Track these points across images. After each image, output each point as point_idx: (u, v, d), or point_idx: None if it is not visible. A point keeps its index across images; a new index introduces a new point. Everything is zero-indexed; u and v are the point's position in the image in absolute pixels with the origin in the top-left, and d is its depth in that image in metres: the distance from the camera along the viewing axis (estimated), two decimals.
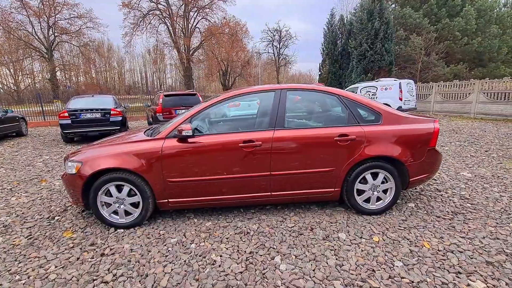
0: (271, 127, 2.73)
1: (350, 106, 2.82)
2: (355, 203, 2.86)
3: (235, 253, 2.29)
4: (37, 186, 4.14)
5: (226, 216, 2.95)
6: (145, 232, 2.68)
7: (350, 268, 2.07)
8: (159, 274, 2.05)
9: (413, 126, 2.83)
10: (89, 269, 2.13)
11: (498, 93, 12.30)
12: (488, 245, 2.31)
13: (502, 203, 3.13)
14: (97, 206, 2.68)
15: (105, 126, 7.76)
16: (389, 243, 2.38)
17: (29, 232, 2.73)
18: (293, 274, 2.01)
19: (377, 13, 17.07)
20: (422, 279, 1.93)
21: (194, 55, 28.22)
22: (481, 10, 20.14)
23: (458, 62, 20.00)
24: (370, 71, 17.58)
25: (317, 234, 2.55)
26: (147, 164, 2.62)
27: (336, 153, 2.74)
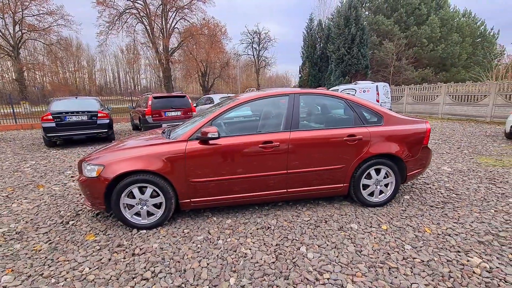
0: (287, 128, 2.94)
1: (356, 109, 3.12)
2: (361, 197, 3.16)
3: (262, 246, 2.47)
4: (36, 192, 4.00)
5: (244, 214, 3.12)
6: (169, 231, 2.77)
7: (368, 253, 2.33)
8: (197, 268, 2.18)
9: (409, 126, 3.19)
10: (126, 268, 2.19)
11: (462, 95, 13.60)
12: (477, 228, 2.71)
13: (481, 193, 3.60)
14: (120, 208, 2.72)
15: (92, 129, 7.51)
16: (396, 230, 2.69)
17: (47, 238, 2.69)
18: (321, 261, 2.24)
19: (353, 19, 18.02)
20: (430, 258, 2.24)
21: (173, 55, 27.70)
22: (444, 19, 22.01)
23: (425, 66, 21.68)
24: (347, 74, 18.50)
25: (332, 226, 2.81)
26: (171, 165, 2.71)
27: (345, 152, 3.01)
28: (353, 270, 2.12)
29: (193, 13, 26.24)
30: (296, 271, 2.11)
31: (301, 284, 1.97)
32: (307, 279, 2.02)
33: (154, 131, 3.66)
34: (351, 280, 2.00)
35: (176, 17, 26.29)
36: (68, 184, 4.36)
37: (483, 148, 6.45)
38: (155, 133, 3.43)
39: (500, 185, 3.91)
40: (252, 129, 3.10)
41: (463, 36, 23.60)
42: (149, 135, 3.35)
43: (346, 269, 2.13)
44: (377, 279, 2.01)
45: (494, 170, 4.64)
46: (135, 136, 3.52)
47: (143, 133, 3.71)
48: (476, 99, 12.91)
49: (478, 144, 6.92)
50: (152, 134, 3.39)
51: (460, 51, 22.94)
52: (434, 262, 2.19)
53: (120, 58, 57.57)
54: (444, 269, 2.11)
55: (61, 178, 4.67)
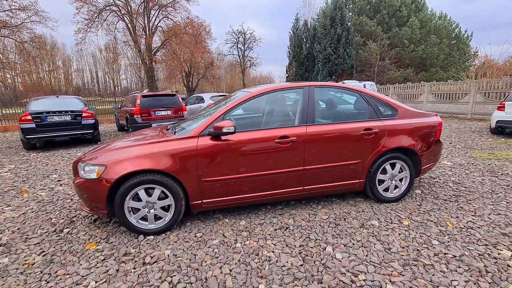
0: (303, 122, 2.79)
1: (371, 103, 3.03)
2: (376, 192, 3.07)
3: (285, 248, 2.30)
4: (19, 199, 3.59)
5: (257, 214, 2.93)
6: (179, 236, 2.53)
7: (398, 250, 2.23)
8: (220, 276, 1.97)
9: (423, 119, 3.15)
10: (138, 280, 1.95)
11: (444, 93, 14.13)
12: (496, 220, 2.69)
13: (487, 186, 3.63)
14: (124, 212, 2.45)
15: (76, 130, 7.01)
16: (418, 225, 2.62)
17: (40, 249, 2.37)
18: (351, 261, 2.10)
19: (338, 20, 18.29)
20: (461, 253, 2.17)
21: (156, 55, 26.85)
22: (423, 21, 22.89)
23: (406, 66, 22.42)
24: (334, 73, 18.74)
25: (352, 223, 2.68)
26: (181, 164, 2.48)
27: (361, 146, 2.91)
28: (387, 269, 1.99)
29: (176, 12, 25.57)
30: (328, 274, 1.96)
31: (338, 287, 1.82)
32: (343, 282, 1.87)
33: (155, 128, 3.39)
34: (389, 280, 1.88)
35: (159, 16, 25.51)
36: (56, 188, 3.97)
37: (473, 143, 6.65)
38: (158, 130, 3.16)
39: (502, 177, 3.97)
40: (264, 124, 2.92)
41: (441, 37, 24.66)
42: (152, 132, 3.08)
43: (380, 269, 2.00)
44: (416, 277, 1.90)
45: (491, 163, 4.74)
46: (134, 134, 3.24)
47: (143, 131, 3.43)
48: (457, 97, 13.45)
49: (467, 139, 7.14)
50: (155, 131, 3.13)
51: (438, 52, 23.93)
52: (466, 257, 2.12)
53: (99, 58, 55.37)
54: (479, 263, 2.04)
55: (47, 183, 4.26)
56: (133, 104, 8.48)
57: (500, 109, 7.60)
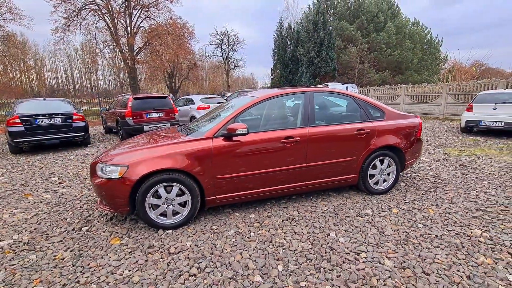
0: (305, 124, 3.12)
1: (363, 106, 3.41)
2: (368, 185, 3.45)
3: (295, 235, 2.60)
4: (25, 201, 3.63)
5: (264, 208, 3.21)
6: (196, 229, 2.75)
7: (390, 233, 2.60)
8: (242, 260, 2.23)
9: (406, 120, 3.58)
10: (169, 267, 2.16)
11: (418, 95, 15.16)
12: (468, 206, 3.15)
13: (460, 178, 4.15)
14: (145, 209, 2.64)
15: (67, 132, 6.93)
16: (405, 212, 3.02)
17: (64, 246, 2.51)
18: (353, 243, 2.44)
19: (321, 24, 19.00)
20: (442, 233, 2.57)
21: (139, 55, 26.33)
22: (398, 27, 24.27)
23: (384, 69, 23.66)
24: (317, 76, 19.42)
25: (349, 213, 3.04)
26: (198, 163, 2.71)
27: (355, 145, 3.28)
28: (383, 248, 2.35)
29: (159, 12, 25.28)
30: (335, 254, 2.28)
31: (345, 264, 2.14)
32: (348, 260, 2.20)
33: (166, 130, 3.58)
34: (386, 256, 2.23)
35: (141, 16, 25.08)
36: (60, 191, 4.02)
37: (446, 141, 7.33)
38: (169, 131, 3.36)
39: (471, 170, 4.53)
40: (270, 126, 3.20)
41: (414, 43, 26.26)
42: (164, 133, 3.28)
43: (378, 248, 2.35)
44: (407, 253, 2.27)
45: (462, 158, 5.33)
46: (146, 136, 3.41)
47: (152, 132, 3.60)
48: (431, 99, 14.49)
49: (441, 138, 7.84)
50: (167, 133, 3.33)
51: (412, 56, 25.49)
52: (446, 236, 2.52)
53: (74, 57, 53.08)
54: (456, 240, 2.44)
55: (48, 185, 4.29)
56: (124, 106, 8.46)
57: (468, 110, 8.40)
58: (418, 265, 2.12)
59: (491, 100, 7.99)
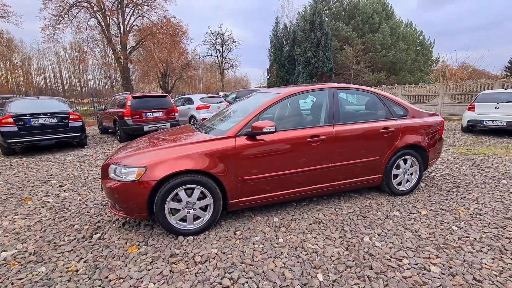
0: (330, 122, 2.96)
1: (387, 103, 3.28)
2: (392, 186, 3.32)
3: (327, 240, 2.44)
4: (25, 207, 3.36)
5: (286, 211, 3.04)
6: (219, 235, 2.56)
7: (427, 236, 2.46)
8: (276, 269, 2.05)
9: (429, 119, 3.47)
10: (198, 278, 1.97)
11: (415, 95, 15.29)
12: (496, 206, 3.05)
13: (478, 177, 4.08)
14: (165, 213, 2.43)
15: (63, 133, 6.59)
16: (435, 214, 2.89)
17: (76, 256, 2.28)
18: (391, 248, 2.29)
19: (318, 24, 19.00)
20: (479, 235, 2.46)
21: (132, 54, 25.76)
22: (392, 28, 24.50)
23: (379, 70, 23.85)
24: (314, 76, 19.40)
25: (377, 215, 2.90)
26: (222, 163, 2.52)
27: (380, 144, 3.15)
28: (425, 253, 2.21)
29: (153, 11, 24.82)
30: (376, 260, 2.13)
31: (389, 272, 1.99)
32: (391, 267, 2.05)
33: (180, 128, 3.37)
34: (430, 262, 2.09)
35: (134, 14, 24.55)
36: (62, 195, 3.75)
37: (450, 140, 7.33)
38: (184, 130, 3.16)
39: (487, 169, 4.47)
40: (294, 124, 3.03)
41: (408, 44, 26.55)
42: (179, 132, 3.07)
43: (419, 253, 2.21)
44: (451, 258, 2.13)
45: (473, 157, 5.29)
46: (159, 135, 3.20)
47: (165, 131, 3.39)
48: (428, 99, 14.63)
49: (444, 137, 7.83)
50: (182, 131, 3.12)
51: (406, 57, 25.73)
52: (485, 238, 2.41)
53: (63, 56, 51.71)
54: (497, 243, 2.33)
55: (48, 189, 4.00)
56: (122, 105, 8.15)
57: (470, 109, 8.44)
58: (466, 271, 1.98)
59: (493, 100, 8.04)
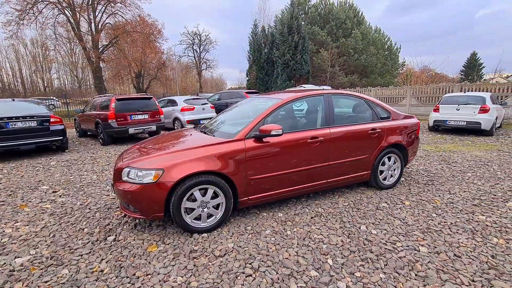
0: (326, 125, 3.27)
1: (373, 107, 3.67)
2: (378, 181, 3.72)
3: (330, 230, 2.73)
4: (23, 213, 3.28)
5: (287, 207, 3.29)
6: (231, 231, 2.75)
7: (413, 223, 2.85)
8: (290, 257, 2.30)
9: (408, 120, 3.93)
10: (222, 270, 2.15)
11: (386, 97, 16.41)
12: (465, 196, 3.56)
13: (447, 171, 4.65)
14: (181, 213, 2.57)
15: (44, 137, 6.31)
16: (417, 204, 3.32)
17: (96, 257, 2.34)
18: (385, 234, 2.63)
19: (295, 28, 19.62)
20: (454, 220, 2.89)
21: (104, 53, 24.64)
22: (363, 33, 25.97)
23: (352, 73, 25.14)
24: (293, 78, 20.00)
25: (368, 207, 3.26)
26: (233, 164, 2.71)
27: (369, 144, 3.52)
28: (413, 237, 2.58)
29: (127, 9, 23.97)
30: (374, 245, 2.45)
31: (387, 253, 2.32)
32: (388, 249, 2.38)
33: (187, 130, 3.52)
34: (419, 244, 2.46)
35: (106, 11, 23.53)
36: (58, 200, 3.69)
37: (420, 139, 8.08)
38: (191, 132, 3.34)
39: (453, 164, 5.09)
40: (295, 127, 3.30)
41: (377, 48, 28.29)
42: (185, 135, 3.24)
43: (409, 237, 2.58)
44: (434, 240, 2.52)
45: (441, 154, 5.95)
46: (167, 137, 3.32)
47: (171, 133, 3.52)
48: (397, 100, 15.77)
49: None
50: (189, 134, 3.29)
51: (376, 61, 27.41)
52: (459, 222, 2.84)
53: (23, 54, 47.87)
54: (469, 226, 2.77)
55: (41, 195, 3.90)
56: (105, 107, 7.94)
57: (435, 110, 9.34)
58: (448, 249, 2.37)
59: (455, 102, 8.99)
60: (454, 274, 2.05)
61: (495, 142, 7.34)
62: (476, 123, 8.27)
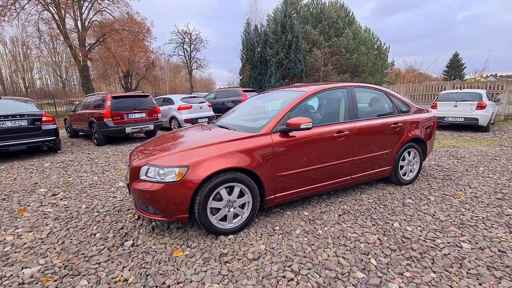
0: (350, 118, 3.13)
1: (394, 101, 3.57)
2: (399, 176, 3.62)
3: (364, 228, 2.59)
4: (23, 219, 2.98)
5: (312, 205, 3.14)
6: (259, 232, 2.56)
7: (445, 218, 2.75)
8: (330, 258, 2.14)
9: (426, 114, 3.85)
10: (260, 274, 1.97)
11: None
12: (485, 189, 3.51)
13: (460, 166, 4.62)
14: (207, 213, 2.37)
15: (36, 137, 5.91)
16: (442, 200, 3.23)
17: (117, 265, 2.11)
18: (421, 231, 2.52)
19: (288, 27, 19.55)
20: (485, 214, 2.82)
21: (92, 52, 23.76)
22: (355, 33, 26.23)
23: (344, 72, 25.33)
24: (286, 77, 19.93)
25: (394, 203, 3.15)
26: (260, 160, 2.53)
27: (392, 138, 3.42)
28: (451, 233, 2.48)
29: (115, 6, 23.25)
30: (416, 243, 2.32)
31: (431, 251, 2.20)
32: (430, 247, 2.26)
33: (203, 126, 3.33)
34: (459, 240, 2.35)
35: (94, 8, 22.70)
36: (61, 203, 3.40)
37: None
38: (208, 127, 3.15)
39: (462, 159, 5.08)
40: (319, 120, 3.14)
41: (368, 48, 28.66)
42: (202, 129, 3.07)
43: (446, 233, 2.47)
44: (474, 235, 2.42)
45: (447, 149, 5.96)
46: (182, 133, 3.11)
47: (184, 129, 3.30)
48: None
49: None
50: (205, 128, 3.11)
51: (367, 60, 27.76)
52: (491, 216, 2.77)
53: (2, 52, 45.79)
54: (501, 219, 2.70)
55: (40, 198, 3.59)
56: (98, 106, 7.56)
57: (433, 107, 9.43)
58: (491, 244, 2.27)
59: (452, 99, 9.11)
60: (507, 270, 1.95)
61: (493, 137, 7.46)
62: (474, 119, 8.39)
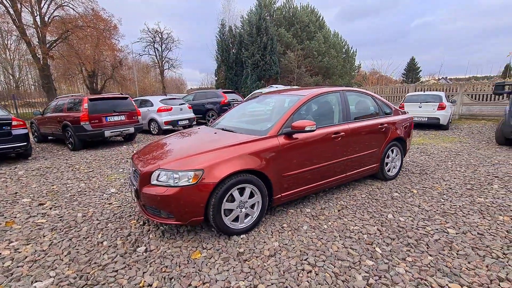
0: (344, 120, 3.38)
1: (379, 103, 3.91)
2: (385, 173, 3.97)
3: (364, 221, 2.83)
4: (14, 232, 2.78)
5: (310, 202, 3.33)
6: (268, 230, 2.69)
7: (429, 208, 3.10)
8: (340, 250, 2.33)
9: (405, 116, 4.26)
10: (280, 269, 2.09)
11: None
12: (457, 182, 3.98)
13: (432, 161, 5.15)
14: (221, 215, 2.44)
15: (6, 143, 5.42)
16: (424, 192, 3.61)
17: (135, 271, 2.10)
18: (412, 220, 2.82)
19: (263, 29, 19.88)
20: (461, 203, 3.22)
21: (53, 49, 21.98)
22: (325, 37, 27.38)
23: (316, 74, 26.33)
24: (262, 78, 20.23)
25: (384, 197, 3.45)
26: (269, 161, 2.65)
27: (379, 138, 3.74)
28: (436, 221, 2.81)
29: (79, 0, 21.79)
30: (410, 231, 2.61)
31: (425, 237, 2.49)
32: (423, 234, 2.56)
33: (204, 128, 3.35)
34: (445, 227, 2.68)
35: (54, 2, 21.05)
36: (52, 213, 3.21)
37: None
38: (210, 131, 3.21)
39: (432, 155, 5.65)
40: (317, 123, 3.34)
41: (337, 51, 30.10)
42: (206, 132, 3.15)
43: (433, 221, 2.80)
44: (456, 222, 2.77)
45: (417, 147, 6.56)
46: (186, 135, 3.12)
47: (186, 132, 3.31)
48: None
49: None
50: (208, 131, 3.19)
51: (336, 63, 29.13)
52: (466, 205, 3.18)
53: None
54: (474, 207, 3.11)
55: (26, 209, 3.35)
56: (72, 109, 7.12)
57: (401, 108, 10.27)
58: (471, 229, 2.63)
59: (416, 100, 10.01)
60: (487, 250, 2.29)
61: (453, 135, 8.34)
62: (436, 118, 9.31)
